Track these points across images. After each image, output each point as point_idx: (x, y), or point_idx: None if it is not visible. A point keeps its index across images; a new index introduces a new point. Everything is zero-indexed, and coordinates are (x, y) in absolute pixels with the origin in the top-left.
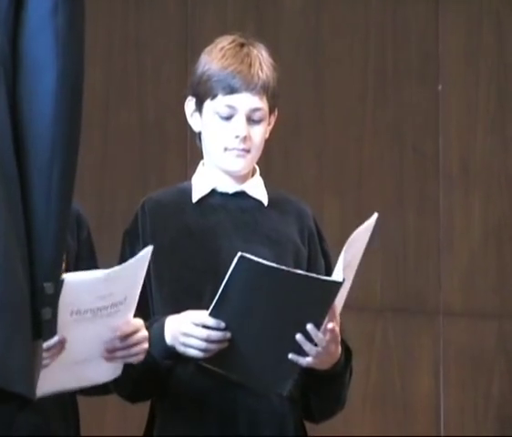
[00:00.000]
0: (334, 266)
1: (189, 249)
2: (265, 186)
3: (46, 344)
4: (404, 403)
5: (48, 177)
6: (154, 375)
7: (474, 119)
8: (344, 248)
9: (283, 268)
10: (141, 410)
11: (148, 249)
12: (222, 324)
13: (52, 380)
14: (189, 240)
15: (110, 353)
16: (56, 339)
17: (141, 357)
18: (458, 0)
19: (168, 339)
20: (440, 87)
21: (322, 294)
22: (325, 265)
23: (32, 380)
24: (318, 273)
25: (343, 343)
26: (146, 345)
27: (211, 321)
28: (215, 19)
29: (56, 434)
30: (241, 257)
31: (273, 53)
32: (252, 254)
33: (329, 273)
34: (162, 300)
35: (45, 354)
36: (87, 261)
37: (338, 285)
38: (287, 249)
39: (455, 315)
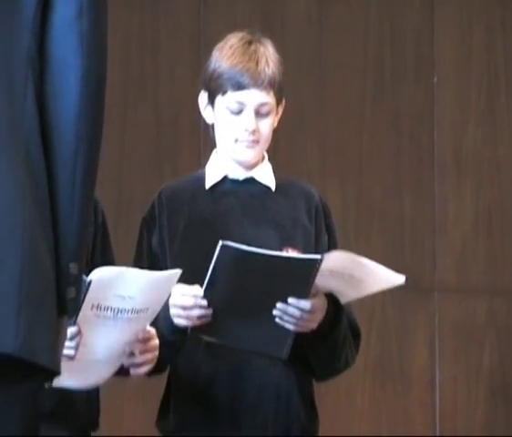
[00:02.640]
0: (339, 240)
1: (202, 233)
2: (273, 172)
3: (69, 332)
4: (401, 374)
5: (72, 169)
6: (164, 350)
7: (466, 113)
8: (349, 255)
9: (262, 251)
10: (160, 385)
11: (177, 272)
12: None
13: (74, 375)
14: (201, 225)
15: (130, 358)
16: (76, 328)
17: (153, 363)
18: (452, 9)
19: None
20: (436, 79)
21: (303, 270)
22: (328, 239)
23: (56, 354)
24: (321, 248)
25: (332, 298)
26: (157, 352)
27: (185, 289)
28: (225, 24)
29: (79, 415)
30: (223, 245)
31: (279, 52)
32: (261, 237)
33: (332, 247)
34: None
35: (69, 343)
36: (101, 242)
37: (315, 262)
38: (294, 231)
39: (449, 292)
